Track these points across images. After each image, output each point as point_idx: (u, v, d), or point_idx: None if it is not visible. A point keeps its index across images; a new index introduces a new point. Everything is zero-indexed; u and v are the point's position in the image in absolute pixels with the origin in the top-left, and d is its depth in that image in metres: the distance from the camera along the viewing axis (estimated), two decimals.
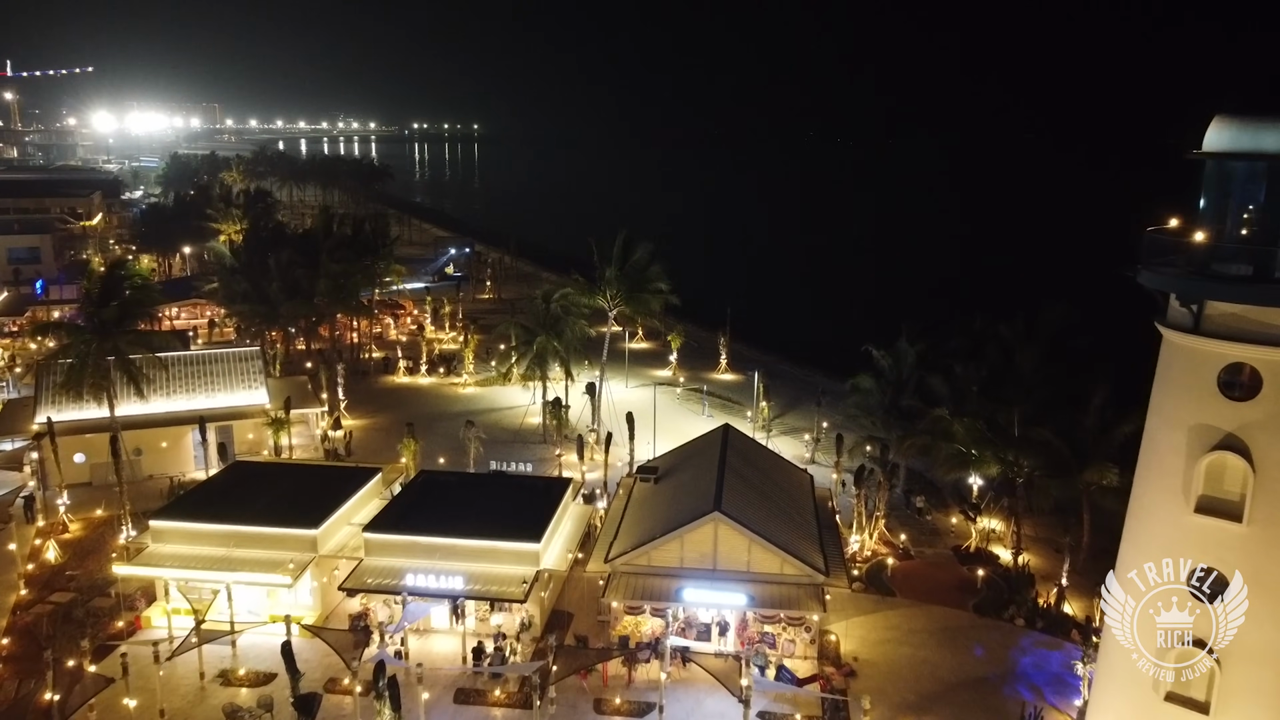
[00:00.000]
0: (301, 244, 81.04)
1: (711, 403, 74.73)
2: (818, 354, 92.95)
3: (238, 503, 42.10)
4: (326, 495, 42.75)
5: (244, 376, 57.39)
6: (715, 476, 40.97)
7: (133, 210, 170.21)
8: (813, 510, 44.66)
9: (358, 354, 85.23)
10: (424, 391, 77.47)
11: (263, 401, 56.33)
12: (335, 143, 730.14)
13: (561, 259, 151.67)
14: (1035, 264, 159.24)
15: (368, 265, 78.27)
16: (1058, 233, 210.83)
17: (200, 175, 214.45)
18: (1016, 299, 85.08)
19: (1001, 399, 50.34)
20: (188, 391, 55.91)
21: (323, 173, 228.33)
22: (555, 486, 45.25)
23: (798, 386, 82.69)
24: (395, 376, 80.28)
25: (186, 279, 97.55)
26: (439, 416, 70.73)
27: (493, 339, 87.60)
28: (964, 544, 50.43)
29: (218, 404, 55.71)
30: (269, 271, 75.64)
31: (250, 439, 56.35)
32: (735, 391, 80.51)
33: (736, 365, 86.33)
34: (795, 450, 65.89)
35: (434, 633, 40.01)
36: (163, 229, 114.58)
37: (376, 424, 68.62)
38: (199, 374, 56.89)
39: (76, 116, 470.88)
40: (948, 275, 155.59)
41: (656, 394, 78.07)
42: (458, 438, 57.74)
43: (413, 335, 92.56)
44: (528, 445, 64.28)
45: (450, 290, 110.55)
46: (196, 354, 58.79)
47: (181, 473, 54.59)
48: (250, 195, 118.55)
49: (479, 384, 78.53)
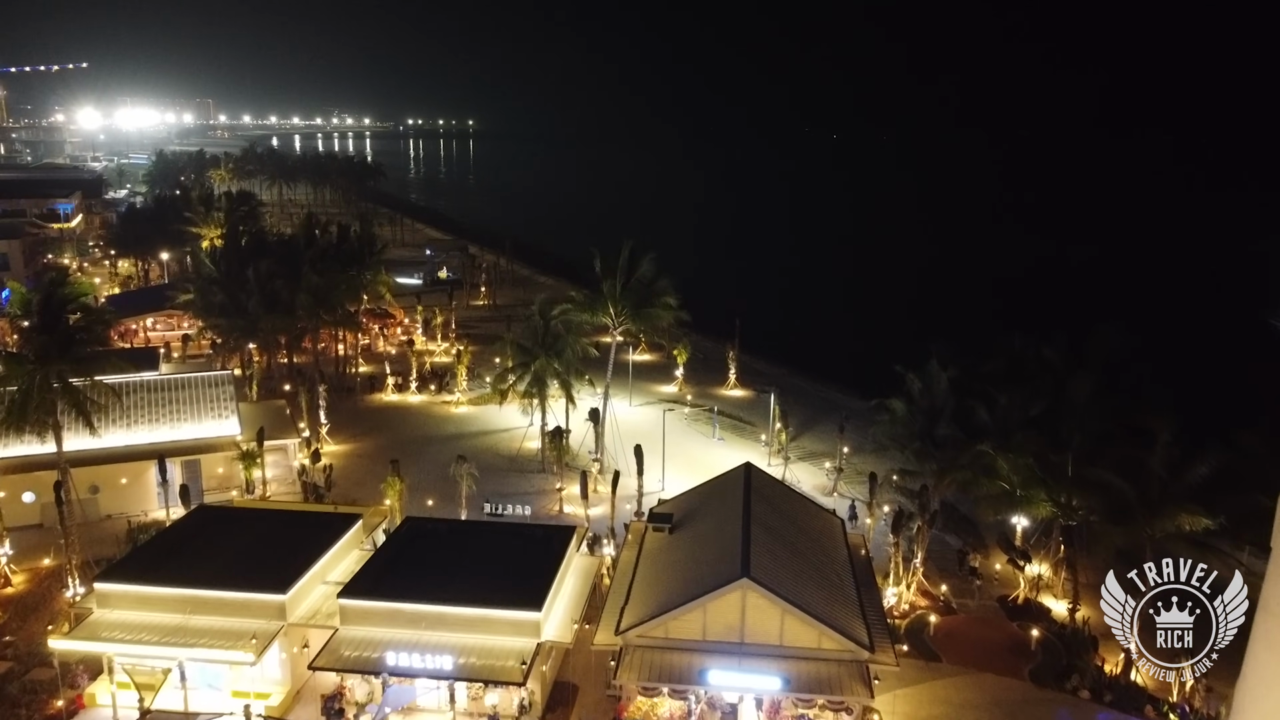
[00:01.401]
0: (283, 252, 75.78)
1: (722, 424, 69.63)
2: (834, 367, 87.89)
3: (197, 559, 36.97)
4: (299, 549, 37.60)
5: (214, 404, 52.17)
6: (740, 532, 35.87)
7: (116, 210, 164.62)
8: (848, 565, 39.60)
9: (343, 368, 79.99)
10: (414, 411, 72.28)
11: (234, 432, 51.12)
12: (330, 139, 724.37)
13: (558, 262, 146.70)
14: (1082, 276, 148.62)
15: (353, 276, 72.99)
16: (1110, 239, 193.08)
17: (187, 174, 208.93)
18: (1058, 316, 79.64)
19: (1053, 433, 45.39)
20: (150, 422, 50.67)
21: (313, 171, 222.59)
22: (557, 537, 40.12)
23: (813, 404, 77.72)
24: (383, 394, 75.09)
25: (161, 287, 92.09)
26: (429, 440, 65.57)
27: (488, 352, 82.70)
28: (1011, 595, 45.42)
29: (184, 435, 50.48)
30: (247, 282, 70.41)
31: (220, 473, 51.17)
32: (746, 410, 75.47)
33: (746, 380, 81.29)
34: (815, 479, 60.90)
35: (421, 713, 34.91)
36: (140, 233, 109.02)
37: (361, 450, 63.44)
38: (163, 401, 51.66)
39: (66, 112, 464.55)
40: (977, 284, 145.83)
41: (663, 413, 73.27)
42: (448, 471, 52.60)
43: (402, 348, 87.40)
44: (525, 474, 59.16)
45: (442, 298, 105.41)
46: (161, 379, 53.52)
47: (144, 511, 49.43)
48: (232, 197, 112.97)
49: (472, 403, 73.40)
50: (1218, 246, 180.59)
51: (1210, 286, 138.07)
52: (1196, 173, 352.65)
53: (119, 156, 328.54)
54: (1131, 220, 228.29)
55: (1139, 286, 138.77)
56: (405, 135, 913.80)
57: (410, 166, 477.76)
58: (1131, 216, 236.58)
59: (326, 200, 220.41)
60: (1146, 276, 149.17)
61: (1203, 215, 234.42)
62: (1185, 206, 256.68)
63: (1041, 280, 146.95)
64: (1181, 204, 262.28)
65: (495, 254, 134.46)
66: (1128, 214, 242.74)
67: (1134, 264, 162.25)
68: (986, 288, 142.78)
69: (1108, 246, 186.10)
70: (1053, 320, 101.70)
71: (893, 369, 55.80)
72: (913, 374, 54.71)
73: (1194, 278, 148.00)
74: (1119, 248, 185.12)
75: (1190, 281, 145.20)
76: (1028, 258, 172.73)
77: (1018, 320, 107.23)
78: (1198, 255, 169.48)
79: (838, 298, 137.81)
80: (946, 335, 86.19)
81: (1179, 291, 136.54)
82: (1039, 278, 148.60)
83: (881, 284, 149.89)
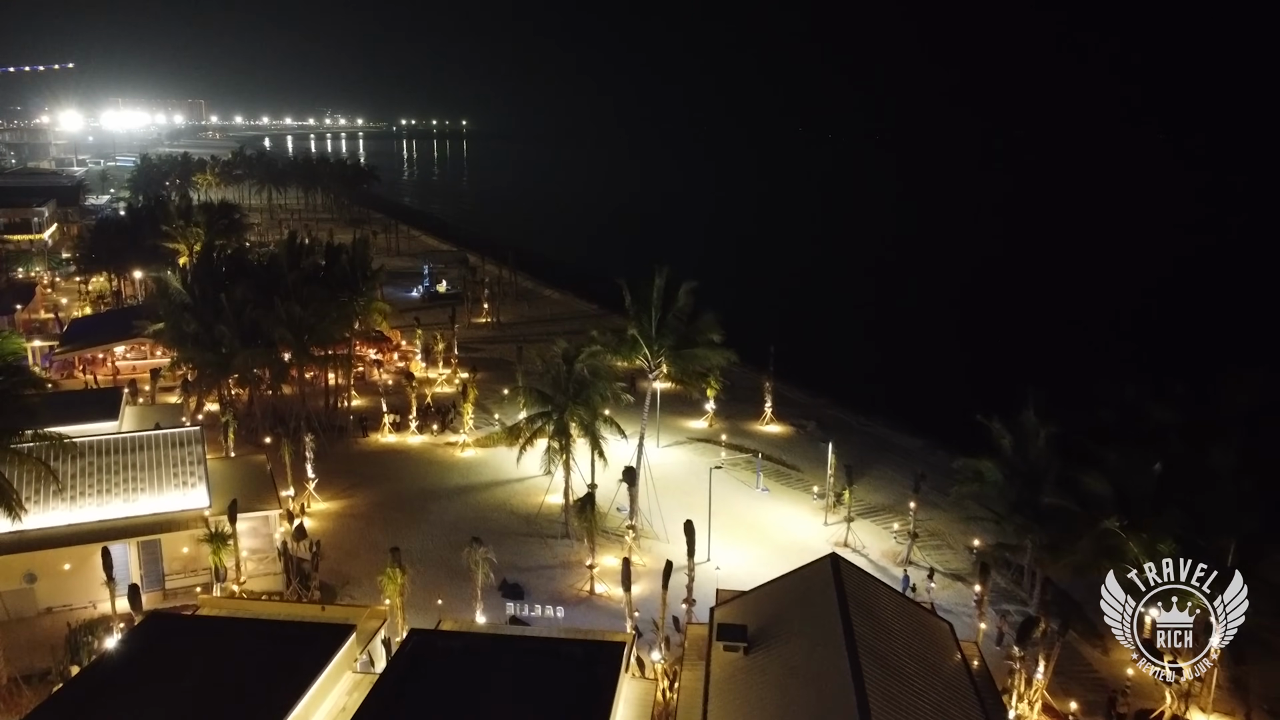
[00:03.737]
0: (263, 275, 67.26)
1: (765, 469, 61.24)
2: (878, 397, 79.27)
3: (139, 706, 28.45)
4: (274, 685, 29.12)
5: (179, 469, 43.61)
6: (848, 670, 27.47)
7: (97, 217, 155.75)
8: (971, 689, 31.26)
9: (333, 402, 71.40)
10: (414, 456, 63.78)
11: (202, 504, 42.53)
12: (323, 139, 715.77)
13: (564, 273, 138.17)
14: (1201, 307, 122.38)
15: (344, 303, 64.41)
16: (1224, 262, 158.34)
17: (172, 179, 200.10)
18: (1174, 356, 69.46)
19: (1190, 508, 37.19)
20: (100, 493, 42.12)
21: (304, 175, 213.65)
22: (603, 660, 31.64)
23: (859, 442, 69.41)
24: (379, 434, 66.59)
25: (132, 309, 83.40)
26: (432, 495, 57.08)
27: (494, 380, 74.36)
28: (1154, 712, 37.13)
29: (141, 509, 41.87)
30: (222, 310, 61.97)
31: (185, 554, 42.60)
32: (786, 449, 67.20)
33: (782, 413, 72.97)
34: (881, 543, 52.51)
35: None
36: (114, 246, 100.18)
37: (354, 507, 54.96)
38: (117, 467, 43.08)
39: (51, 114, 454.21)
40: (1060, 307, 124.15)
41: (694, 455, 65.01)
42: (457, 548, 44.30)
43: (399, 376, 78.90)
44: (546, 541, 50.66)
45: (441, 317, 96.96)
46: (115, 438, 44.86)
47: (91, 603, 40.88)
48: (212, 209, 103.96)
49: (480, 444, 64.99)
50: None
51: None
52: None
53: (105, 159, 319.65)
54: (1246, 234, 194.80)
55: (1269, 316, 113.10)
56: (399, 136, 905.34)
57: (404, 168, 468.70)
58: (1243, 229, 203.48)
59: (318, 205, 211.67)
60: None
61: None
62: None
63: (1128, 302, 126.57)
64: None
65: (497, 265, 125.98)
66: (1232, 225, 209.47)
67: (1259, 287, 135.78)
68: (1057, 308, 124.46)
69: (1218, 262, 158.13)
70: (1154, 355, 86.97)
71: (972, 417, 47.67)
72: (1000, 426, 46.59)
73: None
74: (1232, 265, 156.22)
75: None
76: (1110, 273, 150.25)
77: (1118, 355, 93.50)
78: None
79: (877, 315, 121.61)
80: (1025, 366, 76.96)
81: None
82: (1139, 308, 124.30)
83: (927, 299, 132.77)
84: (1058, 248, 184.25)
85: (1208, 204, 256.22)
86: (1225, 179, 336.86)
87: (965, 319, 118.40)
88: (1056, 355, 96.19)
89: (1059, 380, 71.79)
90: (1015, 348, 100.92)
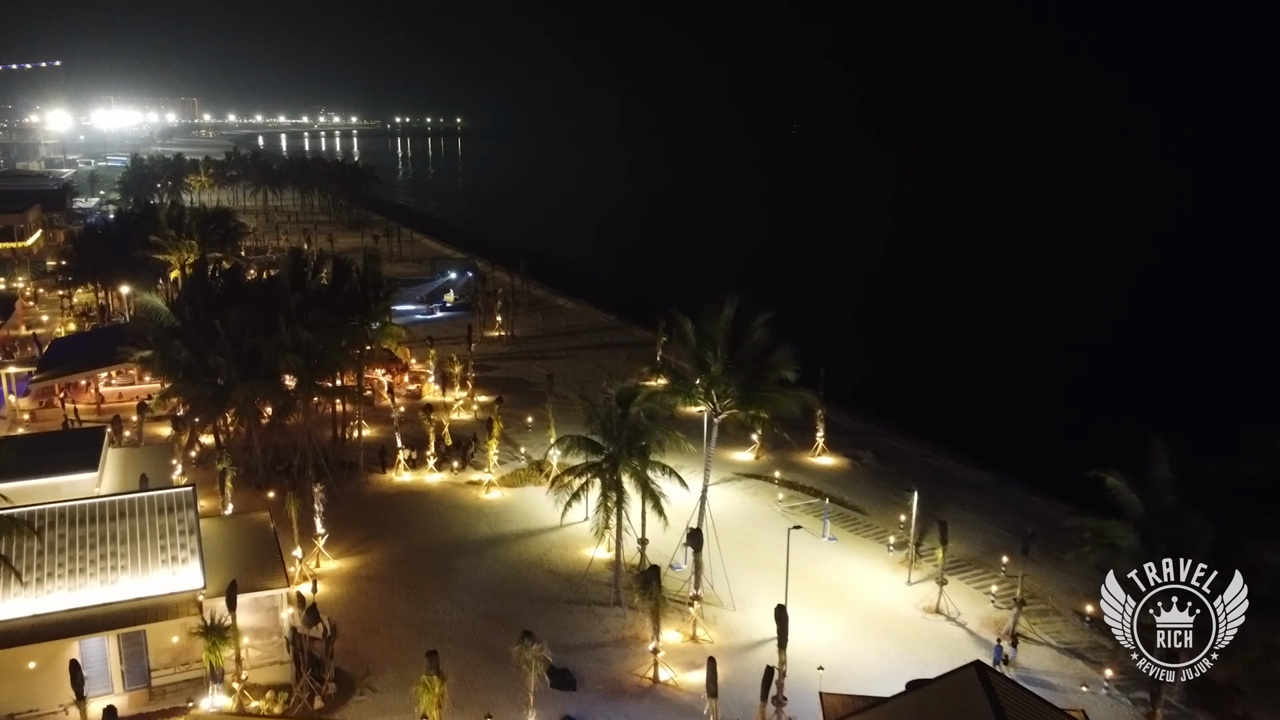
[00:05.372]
0: (263, 295, 60.31)
1: (831, 514, 54.36)
2: (936, 422, 72.28)
3: None
4: None
5: (167, 540, 36.63)
6: None
7: (83, 222, 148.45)
8: None
9: (341, 433, 64.39)
10: (433, 498, 56.83)
11: (195, 585, 35.54)
12: (316, 137, 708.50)
13: (577, 280, 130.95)
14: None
15: (354, 327, 57.47)
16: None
17: (163, 180, 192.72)
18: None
19: None
20: (72, 574, 35.14)
21: (301, 176, 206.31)
22: None
23: (922, 474, 62.65)
24: (393, 472, 59.72)
25: (118, 328, 76.39)
26: (458, 549, 50.15)
27: (513, 407, 67.54)
28: None
29: (122, 593, 34.83)
30: (217, 337, 55.03)
31: (175, 644, 35.64)
32: (843, 485, 60.57)
33: (835, 443, 66.19)
34: (975, 606, 45.57)
35: None
36: (100, 257, 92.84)
37: (369, 567, 47.99)
38: (93, 540, 36.12)
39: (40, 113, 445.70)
40: (1155, 317, 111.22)
41: (746, 496, 58.33)
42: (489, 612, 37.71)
43: (412, 401, 72.05)
44: (594, 610, 43.69)
45: (449, 327, 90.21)
46: (89, 504, 37.68)
47: (62, 707, 33.99)
48: (206, 216, 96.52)
49: (505, 483, 58.18)
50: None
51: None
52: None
53: (96, 159, 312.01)
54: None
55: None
56: (392, 134, 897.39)
57: (399, 167, 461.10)
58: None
59: (315, 208, 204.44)
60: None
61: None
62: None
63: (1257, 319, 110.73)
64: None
65: (509, 272, 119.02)
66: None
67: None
68: (1147, 317, 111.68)
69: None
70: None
71: (1094, 477, 40.67)
72: (1117, 478, 39.73)
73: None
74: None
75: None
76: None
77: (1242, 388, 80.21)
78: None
79: (929, 329, 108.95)
80: (1087, 379, 68.34)
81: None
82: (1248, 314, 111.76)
83: (987, 309, 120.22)
84: (1140, 251, 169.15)
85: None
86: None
87: (1034, 332, 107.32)
88: (1143, 377, 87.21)
89: (1163, 412, 64.61)
90: (1092, 365, 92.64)
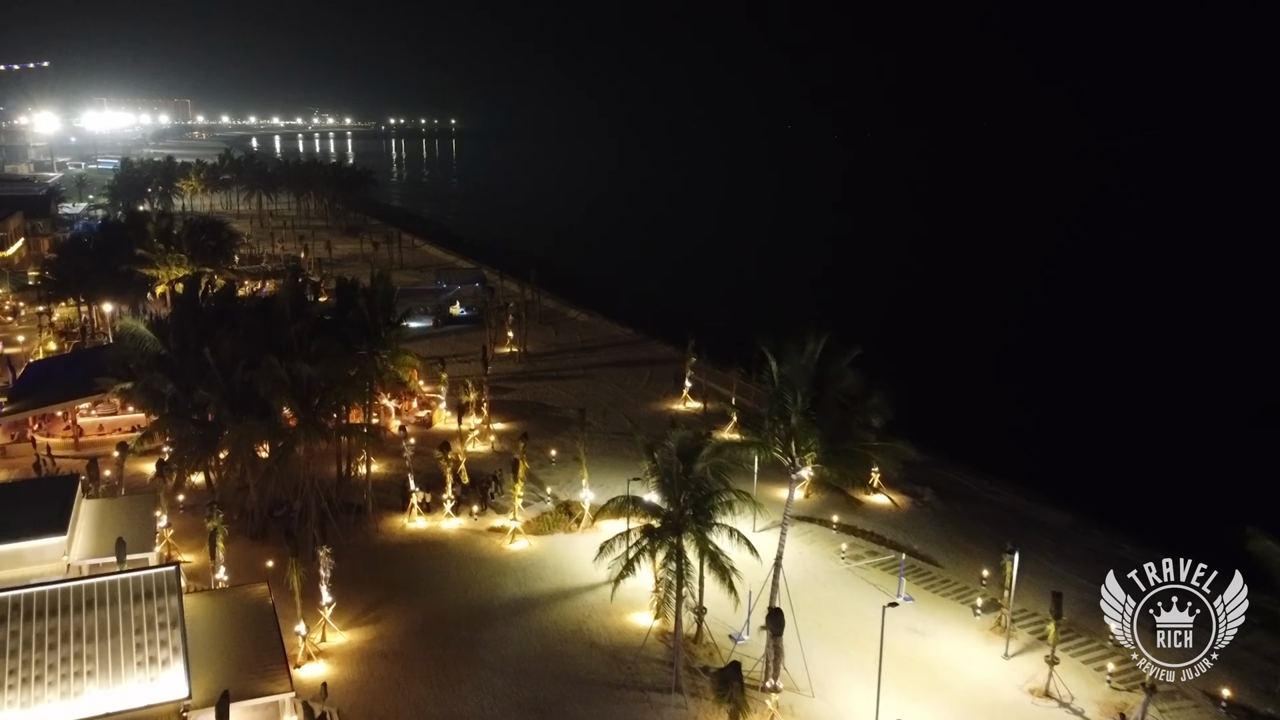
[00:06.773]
0: (259, 318, 53.81)
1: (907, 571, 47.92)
2: (998, 452, 65.90)
3: None
4: None
5: (144, 636, 30.18)
6: None
7: (69, 230, 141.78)
8: None
9: (347, 469, 57.96)
10: (452, 549, 50.39)
11: (178, 695, 29.08)
12: (311, 139, 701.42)
13: (587, 289, 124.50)
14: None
15: (364, 357, 51.01)
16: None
17: (154, 184, 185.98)
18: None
19: None
20: (27, 683, 28.67)
21: (296, 179, 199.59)
22: None
23: (994, 517, 56.97)
24: (405, 518, 53.31)
25: (100, 350, 69.80)
26: (483, 616, 43.70)
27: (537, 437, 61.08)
28: None
29: (88, 709, 28.36)
30: (207, 368, 48.62)
31: None
32: (907, 529, 54.42)
33: (890, 479, 59.81)
34: (1090, 688, 39.08)
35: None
36: (83, 270, 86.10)
37: (383, 640, 41.49)
38: (53, 639, 29.62)
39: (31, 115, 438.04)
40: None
41: (804, 544, 52.05)
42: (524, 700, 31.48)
43: (422, 429, 65.67)
44: (649, 699, 37.09)
45: (464, 352, 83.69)
46: (48, 590, 31.19)
47: None
48: (197, 227, 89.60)
49: (531, 529, 51.86)
50: None
51: None
52: None
53: (87, 161, 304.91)
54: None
55: None
56: (387, 135, 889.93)
57: (393, 169, 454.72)
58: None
59: (311, 212, 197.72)
60: None
61: None
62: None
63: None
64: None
65: (518, 282, 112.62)
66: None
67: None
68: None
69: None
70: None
71: (1170, 505, 35.97)
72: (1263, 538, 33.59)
73: None
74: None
75: None
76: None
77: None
78: None
79: (986, 345, 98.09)
80: (1171, 404, 62.09)
81: None
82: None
83: (1050, 321, 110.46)
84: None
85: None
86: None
87: (1102, 349, 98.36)
88: (1235, 396, 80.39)
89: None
90: (1168, 388, 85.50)
